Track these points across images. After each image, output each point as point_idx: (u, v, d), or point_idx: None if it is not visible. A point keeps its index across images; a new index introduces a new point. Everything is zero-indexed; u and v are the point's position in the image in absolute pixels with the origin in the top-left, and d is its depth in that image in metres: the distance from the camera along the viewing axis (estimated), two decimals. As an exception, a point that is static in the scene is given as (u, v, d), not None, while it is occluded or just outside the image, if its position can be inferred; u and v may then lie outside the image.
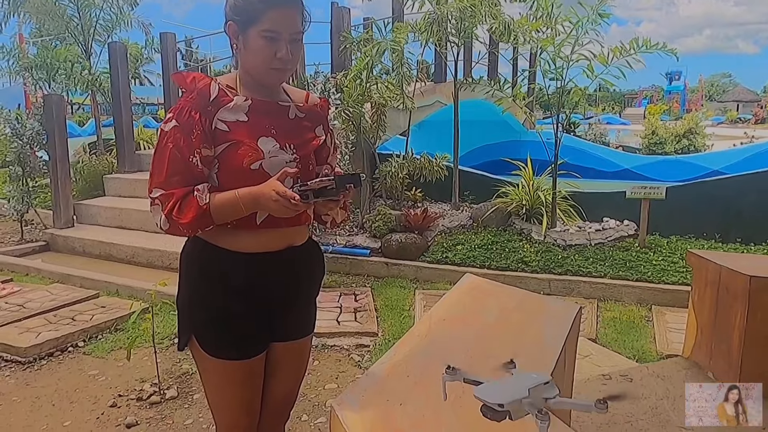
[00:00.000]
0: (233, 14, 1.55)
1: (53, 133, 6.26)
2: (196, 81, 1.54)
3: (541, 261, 5.02)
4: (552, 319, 2.15)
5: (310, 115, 1.71)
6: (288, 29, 1.52)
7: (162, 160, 1.50)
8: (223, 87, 1.55)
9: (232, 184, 1.52)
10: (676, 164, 11.20)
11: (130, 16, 8.77)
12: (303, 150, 1.65)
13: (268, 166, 1.55)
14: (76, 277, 5.05)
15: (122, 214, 6.32)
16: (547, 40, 5.01)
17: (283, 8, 1.51)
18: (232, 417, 1.71)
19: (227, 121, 1.53)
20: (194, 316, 1.64)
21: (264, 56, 1.52)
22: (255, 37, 1.51)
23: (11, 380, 3.37)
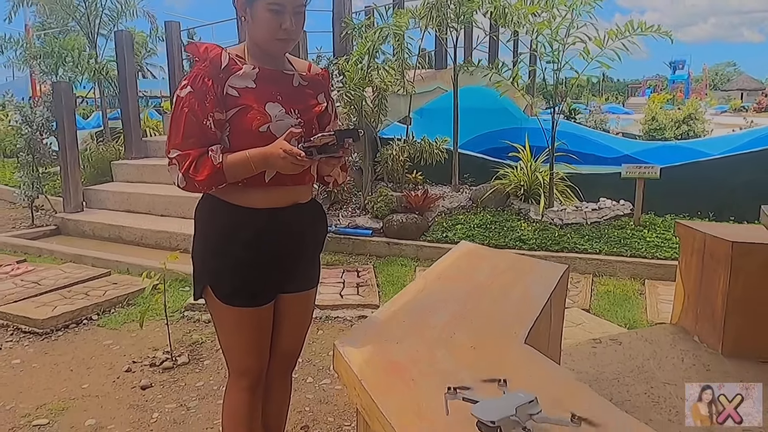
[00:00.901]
0: None
1: (62, 120, 6.41)
2: (208, 51, 1.68)
3: (538, 239, 5.17)
4: (539, 278, 2.30)
5: (312, 84, 1.85)
6: (292, 2, 1.65)
7: (178, 123, 1.64)
8: (233, 56, 1.69)
9: (242, 145, 1.66)
10: (676, 149, 11.28)
11: (135, 5, 8.90)
12: (306, 115, 1.79)
13: (275, 128, 1.68)
14: (88, 257, 5.22)
15: (130, 198, 6.48)
16: (543, 23, 5.13)
17: None
18: (242, 361, 1.85)
19: (237, 87, 1.67)
20: (208, 266, 1.78)
21: (270, 27, 1.65)
22: (261, 10, 1.64)
23: (30, 349, 3.54)
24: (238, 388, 1.86)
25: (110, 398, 2.95)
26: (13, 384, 3.11)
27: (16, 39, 9.15)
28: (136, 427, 2.69)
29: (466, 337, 1.71)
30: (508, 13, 5.18)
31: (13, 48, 9.09)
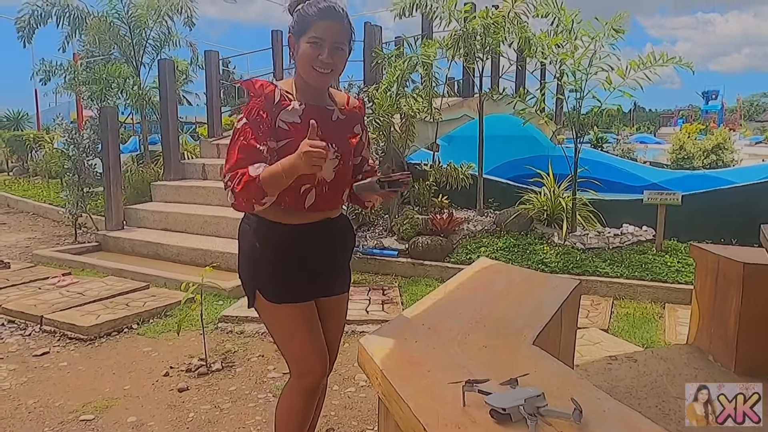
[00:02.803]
0: (292, 27, 1.91)
1: (107, 142, 6.80)
2: (264, 87, 1.88)
3: (560, 262, 5.28)
4: (552, 290, 2.45)
5: (349, 117, 2.06)
6: (331, 38, 1.84)
7: (234, 150, 1.84)
8: (284, 92, 1.89)
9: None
10: (703, 179, 11.26)
11: (178, 35, 9.39)
12: (343, 148, 2.00)
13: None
14: (128, 271, 5.50)
15: (168, 217, 6.79)
16: (566, 53, 5.32)
17: (328, 20, 1.84)
18: (303, 361, 2.01)
19: (286, 121, 1.88)
20: (255, 276, 2.01)
21: (309, 58, 1.85)
22: (304, 44, 1.86)
23: (76, 353, 3.79)
24: (297, 390, 2.03)
25: (150, 399, 3.16)
26: (61, 384, 3.35)
27: (65, 66, 9.70)
28: (173, 425, 2.89)
29: (479, 337, 1.87)
30: (533, 44, 5.39)
31: (62, 75, 9.64)
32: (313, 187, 1.95)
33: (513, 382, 1.47)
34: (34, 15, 8.45)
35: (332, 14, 1.86)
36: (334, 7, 1.89)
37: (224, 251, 5.77)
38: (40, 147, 13.05)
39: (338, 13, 1.89)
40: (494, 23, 5.53)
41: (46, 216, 9.35)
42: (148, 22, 8.69)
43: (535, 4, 5.81)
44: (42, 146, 12.92)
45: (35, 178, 12.54)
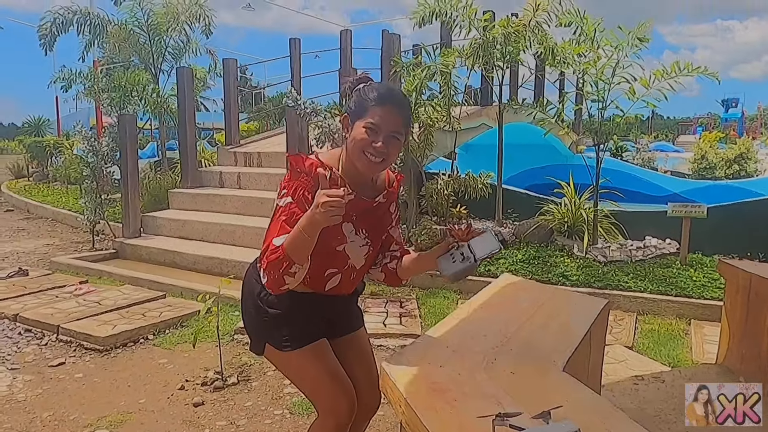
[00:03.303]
0: (349, 108, 1.83)
1: (125, 150, 6.81)
2: (313, 168, 1.76)
3: (582, 275, 5.17)
4: (579, 310, 2.37)
5: (389, 198, 1.98)
6: (388, 126, 1.74)
7: (275, 228, 1.75)
8: (336, 176, 1.78)
9: (319, 258, 1.78)
10: (726, 189, 11.05)
11: (197, 43, 9.43)
12: (374, 233, 1.92)
13: (350, 248, 1.86)
14: (145, 280, 5.48)
15: (185, 225, 6.78)
16: (589, 63, 5.23)
17: (388, 107, 1.74)
18: (331, 398, 1.94)
19: None
20: (261, 330, 1.97)
21: (362, 144, 1.73)
22: (359, 128, 1.74)
23: (91, 365, 3.76)
24: (325, 428, 1.96)
25: (165, 413, 3.12)
26: (76, 396, 3.32)
27: (85, 73, 9.78)
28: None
29: (507, 363, 1.80)
30: (556, 53, 5.30)
31: (82, 82, 9.72)
32: (340, 272, 1.90)
33: (546, 415, 1.39)
34: (55, 23, 8.53)
35: (392, 101, 1.77)
36: (395, 94, 1.81)
37: (241, 260, 5.73)
38: (60, 153, 13.19)
39: (399, 100, 1.80)
40: (515, 32, 5.45)
41: (64, 222, 9.41)
42: (167, 30, 8.73)
43: (557, 13, 5.73)
44: (62, 152, 13.05)
45: (55, 184, 12.66)
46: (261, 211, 6.58)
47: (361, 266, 1.92)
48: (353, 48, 9.75)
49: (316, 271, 1.82)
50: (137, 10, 8.63)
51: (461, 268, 1.82)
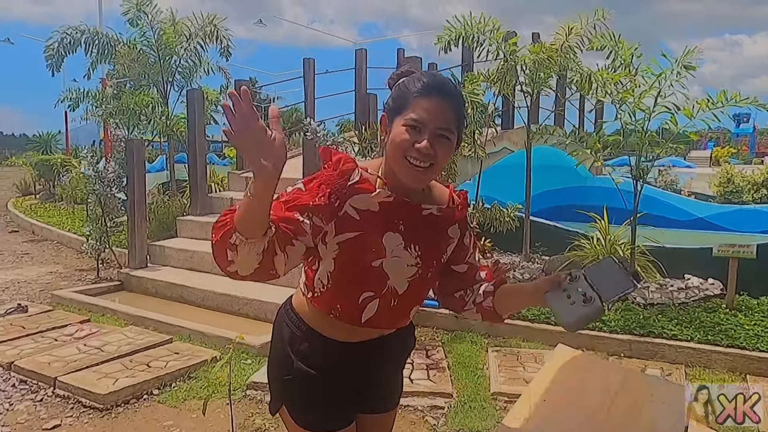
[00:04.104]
0: (387, 105, 1.51)
1: (132, 176, 6.50)
2: (341, 162, 1.47)
3: (621, 320, 4.78)
4: (662, 405, 1.99)
5: (446, 215, 1.60)
6: (434, 121, 1.41)
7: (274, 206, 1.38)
8: (366, 175, 1.49)
9: (348, 276, 1.48)
10: (755, 214, 10.66)
11: (208, 62, 9.15)
12: (428, 253, 1.55)
13: (389, 266, 1.48)
14: (150, 320, 5.13)
15: (194, 256, 6.45)
16: (627, 92, 4.88)
17: (433, 98, 1.42)
18: None
19: (359, 209, 1.46)
20: (284, 387, 1.62)
21: (402, 145, 1.41)
22: (398, 126, 1.43)
23: (90, 427, 3.41)
24: None
25: (170, 496, 2.75)
26: (71, 471, 2.96)
27: (93, 93, 9.52)
28: None
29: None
30: (593, 81, 4.96)
31: (89, 102, 9.45)
32: (378, 297, 1.51)
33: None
34: (63, 43, 8.28)
35: (440, 90, 1.43)
36: (444, 83, 1.46)
37: (252, 298, 5.39)
38: (68, 171, 12.95)
39: (449, 90, 1.45)
40: (548, 58, 5.11)
41: (70, 246, 9.12)
42: (178, 49, 8.45)
43: (590, 37, 5.39)
44: (69, 170, 12.81)
45: (61, 203, 12.41)
46: (274, 243, 6.24)
47: (403, 292, 1.52)
48: (368, 67, 9.48)
49: (348, 293, 1.49)
50: (147, 29, 8.37)
51: (583, 313, 1.43)
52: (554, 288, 1.49)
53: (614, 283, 1.43)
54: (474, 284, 1.69)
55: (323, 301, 1.54)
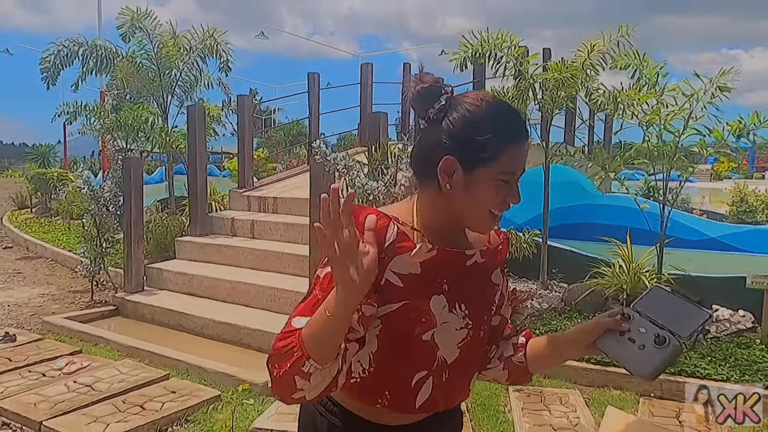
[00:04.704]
0: (456, 146, 1.18)
1: (130, 196, 6.21)
2: (371, 220, 1.16)
3: (649, 357, 4.47)
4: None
5: (489, 260, 1.33)
6: (522, 168, 1.21)
7: (305, 306, 1.14)
8: (402, 229, 1.20)
9: (398, 354, 1.20)
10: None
11: (209, 76, 8.88)
12: (477, 311, 1.29)
13: (440, 337, 1.21)
14: (146, 351, 4.82)
15: (193, 280, 6.14)
16: (654, 113, 4.61)
17: (522, 143, 1.20)
18: None
19: (401, 273, 1.18)
20: None
21: (492, 201, 1.19)
22: (487, 180, 1.17)
23: (77, 483, 3.08)
24: None
25: None
26: None
27: (91, 106, 9.24)
28: None
29: None
30: (619, 102, 4.69)
31: (87, 115, 9.16)
32: (431, 374, 1.23)
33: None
34: (59, 55, 8.01)
35: (525, 133, 1.22)
36: (525, 123, 1.27)
37: (255, 328, 5.09)
38: (64, 185, 12.65)
39: (527, 129, 1.25)
40: (572, 76, 4.83)
41: (64, 264, 8.80)
42: (178, 63, 8.17)
43: (613, 55, 5.12)
44: (66, 185, 12.51)
45: (57, 218, 12.10)
46: (277, 267, 5.95)
47: (453, 361, 1.26)
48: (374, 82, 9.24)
49: (398, 375, 1.22)
50: (146, 42, 8.10)
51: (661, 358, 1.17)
52: (609, 332, 1.24)
53: (682, 316, 1.22)
54: (500, 340, 1.44)
55: (366, 389, 1.25)
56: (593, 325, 1.27)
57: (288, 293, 5.37)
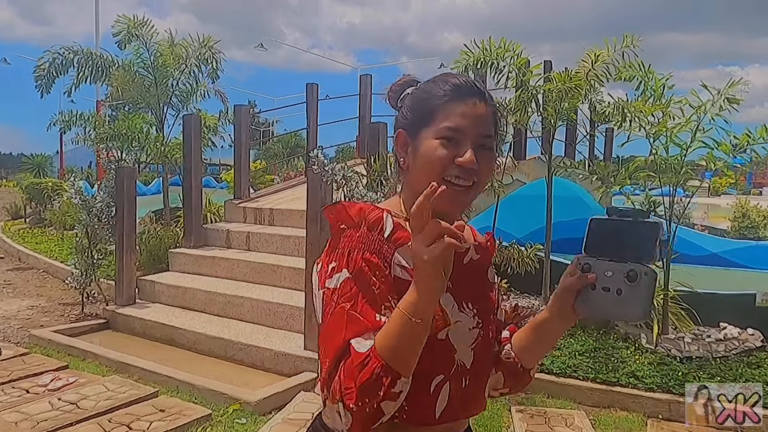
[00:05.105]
0: (403, 118, 1.20)
1: (122, 207, 6.06)
2: (364, 212, 1.13)
3: (657, 376, 4.32)
4: None
5: (483, 257, 1.27)
6: (476, 128, 1.12)
7: (339, 325, 1.03)
8: (397, 220, 1.13)
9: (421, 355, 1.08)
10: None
11: (206, 85, 8.78)
12: (484, 309, 1.22)
13: (455, 334, 1.13)
14: (135, 367, 4.66)
15: (186, 293, 5.97)
16: (661, 124, 4.50)
17: (469, 100, 1.13)
18: None
19: (406, 266, 1.09)
20: None
21: (438, 162, 1.10)
22: (428, 141, 1.12)
23: None
24: None
25: None
26: None
27: (86, 116, 9.11)
28: None
29: None
30: (627, 113, 4.58)
31: (82, 125, 9.03)
32: (448, 379, 1.14)
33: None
34: (54, 63, 7.89)
35: (475, 91, 1.14)
36: (475, 82, 1.18)
37: (248, 343, 4.93)
38: (58, 195, 12.49)
39: (482, 90, 1.17)
40: (576, 86, 4.72)
41: (56, 275, 8.62)
42: (174, 72, 8.06)
43: (617, 66, 5.02)
44: (60, 195, 12.35)
45: (50, 229, 11.94)
46: (273, 280, 5.80)
47: (471, 365, 1.17)
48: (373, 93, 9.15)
49: (419, 383, 1.08)
50: (143, 51, 7.99)
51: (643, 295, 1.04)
52: (582, 292, 1.11)
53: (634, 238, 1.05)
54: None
55: None
56: (561, 290, 1.15)
57: (283, 307, 5.22)
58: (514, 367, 1.28)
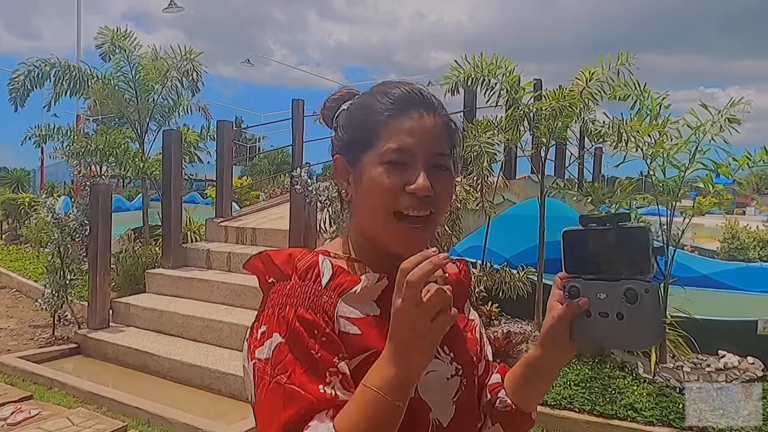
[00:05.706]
0: (338, 141, 1.00)
1: (96, 225, 5.80)
2: (293, 260, 0.94)
3: (656, 408, 4.12)
4: None
5: (457, 290, 1.03)
6: (426, 146, 0.92)
7: (277, 404, 0.85)
8: (337, 263, 0.94)
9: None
10: (763, 273, 10.15)
11: (188, 100, 8.55)
12: (463, 353, 1.02)
13: (424, 387, 0.92)
14: (105, 398, 4.38)
15: (162, 317, 5.70)
16: (658, 145, 4.35)
17: (415, 113, 0.93)
18: None
19: (354, 318, 0.91)
20: None
21: (386, 193, 0.91)
22: (371, 165, 0.93)
23: None
24: None
25: None
26: None
27: (64, 130, 8.83)
28: None
29: None
30: (623, 133, 4.43)
31: (60, 139, 8.75)
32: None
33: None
34: (30, 76, 7.62)
35: (421, 102, 0.95)
36: (420, 90, 0.97)
37: (226, 372, 4.66)
38: (35, 211, 12.14)
39: (430, 99, 0.97)
40: (570, 105, 4.57)
41: (29, 295, 8.29)
42: (155, 86, 7.83)
43: (612, 84, 4.88)
44: (37, 211, 12.00)
45: (26, 246, 11.57)
46: (254, 304, 5.51)
47: (450, 421, 0.98)
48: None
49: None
50: (124, 64, 7.76)
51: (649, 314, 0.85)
52: (576, 321, 0.91)
53: (622, 249, 0.87)
54: (485, 386, 1.13)
55: None
56: (551, 321, 0.95)
57: (264, 333, 4.96)
58: (511, 414, 1.08)
